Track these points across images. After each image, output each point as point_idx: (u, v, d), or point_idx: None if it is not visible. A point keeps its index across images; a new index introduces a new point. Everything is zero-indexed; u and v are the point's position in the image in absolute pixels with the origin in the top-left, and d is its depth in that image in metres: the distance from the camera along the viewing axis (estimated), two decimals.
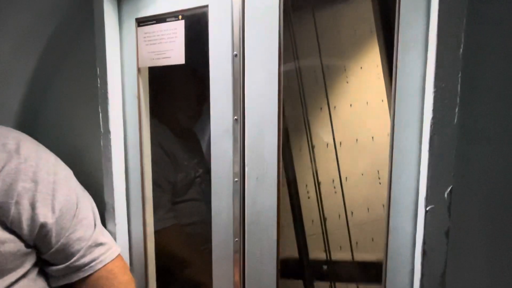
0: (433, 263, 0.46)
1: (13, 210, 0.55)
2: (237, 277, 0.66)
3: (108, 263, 0.65)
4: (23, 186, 0.56)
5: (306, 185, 0.73)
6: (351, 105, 0.71)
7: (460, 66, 0.43)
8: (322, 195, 0.72)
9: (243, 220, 0.64)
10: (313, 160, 0.72)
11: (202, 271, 0.79)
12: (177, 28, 0.66)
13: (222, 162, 0.65)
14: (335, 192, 0.73)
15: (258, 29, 0.59)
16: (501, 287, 0.49)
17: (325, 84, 0.71)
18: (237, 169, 0.63)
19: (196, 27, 0.65)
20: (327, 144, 0.72)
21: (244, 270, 0.65)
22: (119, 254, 0.68)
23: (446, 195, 0.45)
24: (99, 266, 0.63)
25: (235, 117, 0.62)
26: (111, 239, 0.69)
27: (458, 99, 0.43)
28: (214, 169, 0.66)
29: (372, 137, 0.71)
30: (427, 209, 0.46)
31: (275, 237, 0.62)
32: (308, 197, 0.72)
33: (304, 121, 0.72)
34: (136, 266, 0.79)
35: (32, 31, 0.76)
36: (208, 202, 0.68)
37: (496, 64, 0.45)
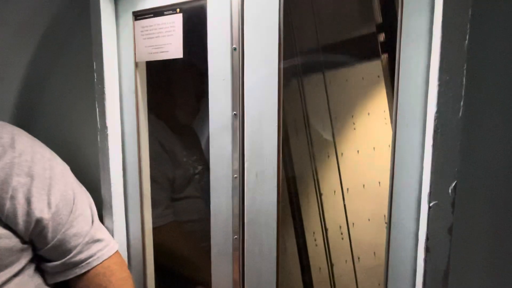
0: (436, 260, 0.46)
1: (8, 205, 0.54)
2: (236, 275, 0.65)
3: (105, 259, 0.64)
4: (18, 180, 0.55)
5: (314, 233, 0.73)
6: (358, 151, 0.71)
7: (465, 58, 0.42)
8: (330, 242, 0.73)
9: (242, 217, 0.63)
10: (320, 207, 0.73)
11: (201, 269, 0.79)
12: (175, 22, 0.65)
13: (221, 158, 0.64)
14: (342, 239, 0.73)
15: (258, 22, 0.58)
16: (505, 285, 0.48)
17: (332, 132, 0.72)
18: (236, 165, 0.62)
19: (195, 20, 0.64)
20: (335, 191, 0.72)
21: (244, 267, 0.64)
22: (116, 251, 0.67)
23: (450, 191, 0.44)
24: (96, 262, 0.63)
25: (234, 112, 0.61)
26: (109, 235, 0.68)
27: (463, 92, 0.42)
28: (213, 165, 0.65)
29: (379, 182, 0.72)
30: (431, 205, 0.45)
31: (274, 234, 0.61)
32: (316, 245, 0.73)
33: (312, 169, 0.73)
34: (134, 263, 0.78)
35: (27, 25, 0.75)
36: (207, 199, 0.67)
37: (503, 56, 0.44)
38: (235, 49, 0.60)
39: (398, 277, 0.51)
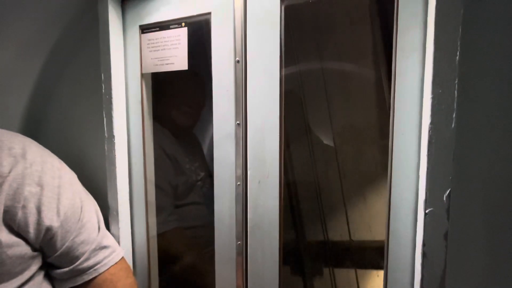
0: (432, 265, 0.47)
1: (20, 214, 0.56)
2: (239, 280, 0.66)
3: (112, 266, 0.65)
4: (29, 190, 0.57)
5: None
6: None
7: (457, 72, 0.44)
8: None
9: (245, 223, 0.65)
10: None
11: (204, 274, 0.80)
12: (180, 35, 0.68)
13: (225, 165, 0.66)
14: None
15: (260, 35, 0.60)
16: None
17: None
18: (240, 172, 0.64)
19: (199, 34, 0.67)
20: None
21: (247, 273, 0.66)
22: (122, 257, 0.69)
23: (444, 198, 0.46)
24: (103, 269, 0.64)
25: (237, 122, 0.64)
26: (115, 242, 0.70)
27: (455, 104, 0.45)
28: (216, 172, 0.67)
29: None
30: (426, 212, 0.47)
31: (277, 240, 0.63)
32: None
33: None
34: (139, 269, 0.79)
35: (37, 38, 0.77)
36: (211, 205, 0.68)
37: (493, 70, 0.46)
38: (238, 61, 0.62)
39: (397, 282, 0.53)
